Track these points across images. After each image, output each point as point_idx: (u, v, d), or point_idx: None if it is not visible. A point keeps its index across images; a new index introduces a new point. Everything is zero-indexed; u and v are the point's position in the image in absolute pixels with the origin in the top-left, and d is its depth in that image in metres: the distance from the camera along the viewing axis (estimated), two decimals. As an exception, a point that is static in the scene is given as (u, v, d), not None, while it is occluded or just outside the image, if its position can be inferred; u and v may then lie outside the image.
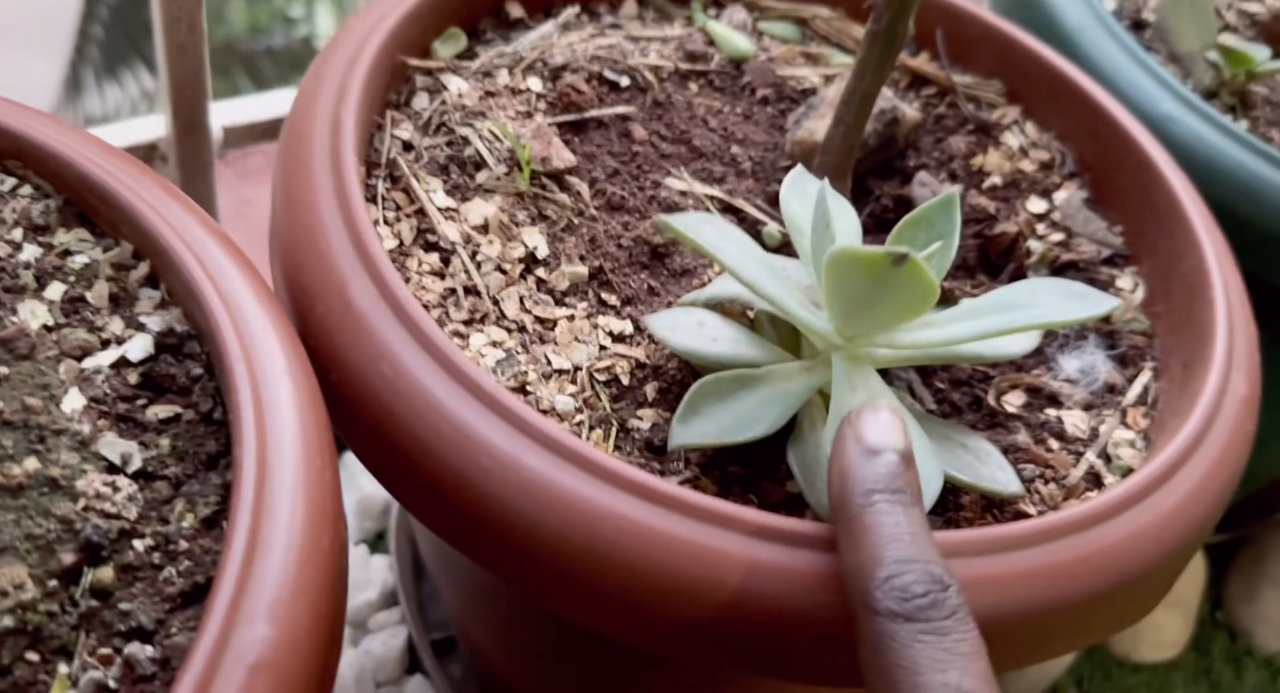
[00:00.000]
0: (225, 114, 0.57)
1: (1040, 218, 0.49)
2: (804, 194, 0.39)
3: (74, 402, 0.32)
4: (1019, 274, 0.46)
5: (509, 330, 0.39)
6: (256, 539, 0.28)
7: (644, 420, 0.38)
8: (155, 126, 0.55)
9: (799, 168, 0.41)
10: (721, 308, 0.40)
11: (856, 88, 0.43)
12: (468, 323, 0.39)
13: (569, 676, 0.47)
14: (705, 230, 0.37)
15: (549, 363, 0.38)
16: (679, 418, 0.35)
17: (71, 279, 0.35)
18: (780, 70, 0.51)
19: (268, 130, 0.59)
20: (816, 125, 0.48)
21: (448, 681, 0.58)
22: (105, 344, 0.34)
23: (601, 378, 0.38)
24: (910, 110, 0.49)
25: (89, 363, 0.33)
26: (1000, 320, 0.35)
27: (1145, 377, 0.43)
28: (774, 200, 0.46)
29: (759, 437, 0.34)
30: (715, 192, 0.46)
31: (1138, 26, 0.61)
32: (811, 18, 0.55)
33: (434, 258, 0.40)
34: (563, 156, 0.44)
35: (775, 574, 0.32)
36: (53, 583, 0.29)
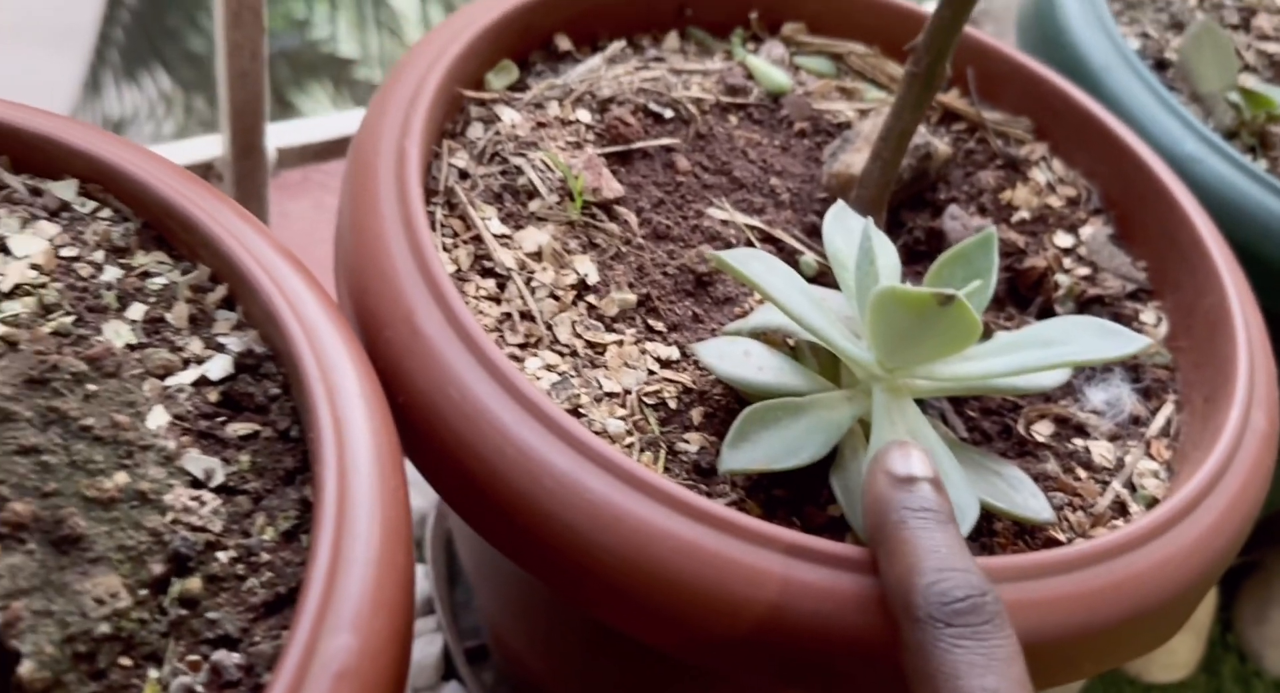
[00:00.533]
0: (279, 136, 0.59)
1: (1067, 252, 0.50)
2: (847, 230, 0.41)
3: (158, 418, 0.34)
4: (1047, 307, 0.48)
5: (562, 354, 0.41)
6: (339, 553, 0.30)
7: (691, 444, 0.39)
8: (212, 146, 0.57)
9: (840, 203, 0.43)
10: (764, 336, 0.41)
11: (894, 126, 0.45)
12: (523, 347, 0.41)
13: (607, 684, 0.49)
14: (753, 264, 0.39)
15: (600, 387, 0.40)
16: (729, 444, 0.36)
17: (152, 300, 0.37)
18: (816, 104, 0.53)
19: (319, 152, 0.61)
20: (852, 159, 0.50)
21: (481, 687, 0.60)
22: (186, 363, 0.36)
23: (650, 402, 0.40)
24: (942, 145, 0.51)
25: (171, 381, 0.35)
26: (1037, 356, 0.37)
27: (1168, 410, 0.45)
28: (811, 231, 0.48)
29: (805, 464, 0.36)
30: (755, 222, 0.48)
31: (1160, 66, 0.63)
32: (847, 53, 0.56)
33: (490, 283, 0.42)
34: (612, 187, 0.45)
35: (816, 594, 0.33)
36: (143, 592, 0.30)
